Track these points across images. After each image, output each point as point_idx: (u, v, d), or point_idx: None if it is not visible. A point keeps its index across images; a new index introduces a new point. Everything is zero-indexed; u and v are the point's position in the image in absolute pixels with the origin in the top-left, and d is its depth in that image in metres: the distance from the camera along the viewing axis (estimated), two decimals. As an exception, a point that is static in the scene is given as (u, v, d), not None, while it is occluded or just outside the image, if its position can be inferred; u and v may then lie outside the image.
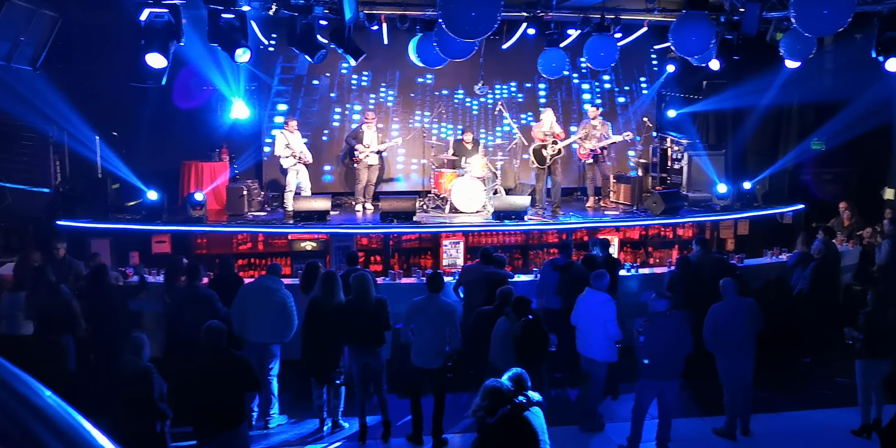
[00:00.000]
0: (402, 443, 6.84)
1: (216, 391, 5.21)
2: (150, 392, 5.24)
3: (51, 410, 1.09)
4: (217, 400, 5.23)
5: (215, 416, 5.25)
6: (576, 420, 7.20)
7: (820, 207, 11.85)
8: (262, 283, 7.22)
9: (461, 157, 11.47)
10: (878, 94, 10.70)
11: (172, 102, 10.59)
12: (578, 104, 13.44)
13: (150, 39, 7.13)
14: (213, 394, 5.21)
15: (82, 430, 1.11)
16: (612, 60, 9.61)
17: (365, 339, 6.76)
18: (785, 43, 8.95)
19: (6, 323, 7.06)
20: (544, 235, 10.97)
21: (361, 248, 10.04)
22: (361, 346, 6.79)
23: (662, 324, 6.34)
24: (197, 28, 8.34)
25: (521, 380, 4.76)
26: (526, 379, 4.78)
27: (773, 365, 7.81)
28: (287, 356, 7.27)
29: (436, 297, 6.70)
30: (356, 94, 12.67)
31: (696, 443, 7.07)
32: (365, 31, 10.25)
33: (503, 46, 11.55)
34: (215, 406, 5.23)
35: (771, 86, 11.40)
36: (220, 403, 5.24)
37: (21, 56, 8.97)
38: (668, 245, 11.47)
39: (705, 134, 13.27)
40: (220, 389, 5.22)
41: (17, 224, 10.14)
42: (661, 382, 6.39)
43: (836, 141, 11.77)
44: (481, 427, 4.68)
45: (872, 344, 6.71)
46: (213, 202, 10.90)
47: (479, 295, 7.81)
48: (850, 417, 7.12)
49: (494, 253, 8.31)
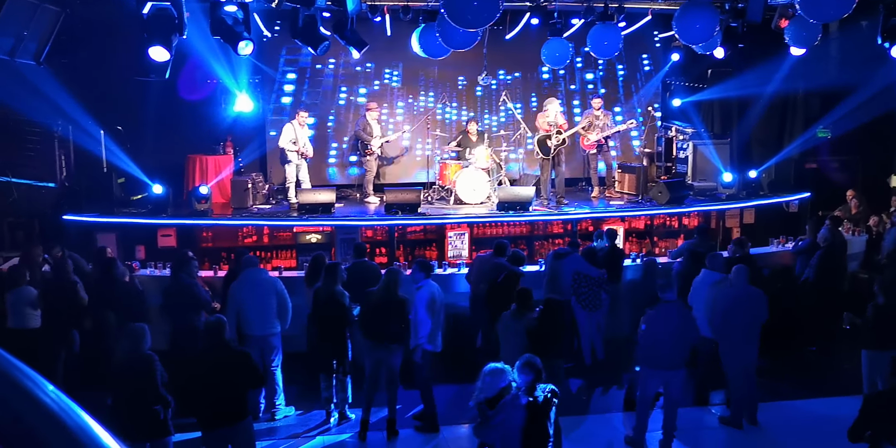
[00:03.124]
0: (410, 434, 6.88)
1: (218, 386, 5.25)
2: (153, 379, 5.29)
3: (53, 405, 1.10)
4: (219, 394, 5.27)
5: (218, 410, 5.29)
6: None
7: (826, 195, 11.81)
8: (245, 277, 7.20)
9: (466, 149, 11.45)
10: (883, 80, 10.64)
11: (177, 96, 10.56)
12: (582, 94, 13.39)
13: (152, 33, 7.14)
14: (215, 388, 5.25)
15: (84, 426, 1.11)
16: (615, 49, 9.57)
17: (381, 335, 6.65)
18: (790, 30, 8.89)
19: (13, 317, 7.10)
20: (549, 226, 10.96)
21: (367, 240, 10.05)
22: (377, 341, 6.69)
23: (667, 313, 6.34)
24: (200, 21, 8.33)
25: (532, 365, 4.75)
26: (537, 364, 4.78)
27: (779, 354, 7.82)
28: (292, 348, 7.30)
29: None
30: (360, 86, 12.65)
31: (703, 432, 7.09)
32: (368, 22, 10.21)
33: (507, 36, 11.50)
34: (218, 400, 5.28)
35: (776, 74, 11.33)
36: (222, 398, 5.29)
37: (25, 51, 8.97)
38: (674, 234, 11.44)
39: (710, 123, 13.21)
40: (221, 384, 5.26)
41: (24, 219, 10.19)
42: (667, 372, 6.40)
43: (842, 128, 11.71)
44: (483, 414, 4.70)
45: (879, 334, 6.68)
46: (217, 195, 10.92)
47: (484, 285, 7.86)
48: (856, 406, 7.11)
49: (512, 248, 8.27)
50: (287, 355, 7.29)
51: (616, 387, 7.99)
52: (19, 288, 7.10)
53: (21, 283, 7.11)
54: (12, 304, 7.08)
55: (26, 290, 7.11)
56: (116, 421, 5.21)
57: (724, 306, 6.81)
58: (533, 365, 4.78)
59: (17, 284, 7.11)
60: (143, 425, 5.30)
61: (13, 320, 7.08)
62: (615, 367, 8.33)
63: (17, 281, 7.13)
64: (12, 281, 7.15)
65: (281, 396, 7.24)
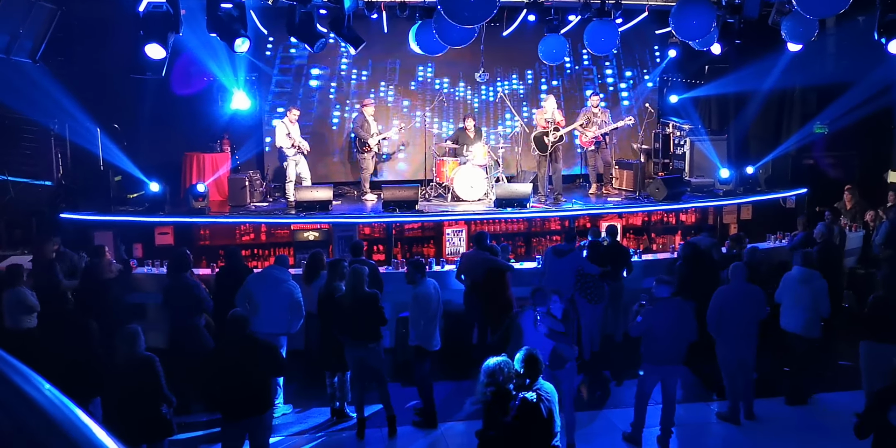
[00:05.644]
0: (409, 430, 6.90)
1: (244, 376, 5.38)
2: (157, 380, 5.30)
3: (49, 405, 1.09)
4: (245, 385, 5.39)
5: (249, 400, 5.42)
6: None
7: (823, 191, 11.82)
8: (269, 273, 7.24)
9: (463, 146, 11.45)
10: (880, 76, 10.64)
11: (172, 93, 10.56)
12: (580, 91, 13.38)
13: (148, 30, 7.11)
14: (240, 379, 5.38)
15: (81, 426, 1.10)
16: (612, 46, 9.56)
17: (356, 334, 6.63)
18: (786, 26, 8.89)
19: (9, 317, 7.08)
20: (547, 223, 10.96)
21: (364, 237, 10.05)
22: (353, 340, 6.67)
23: (665, 309, 6.35)
24: (196, 18, 8.31)
25: (533, 360, 4.74)
26: (539, 359, 4.77)
27: (776, 348, 7.83)
28: (290, 346, 7.30)
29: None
30: (357, 83, 12.63)
31: (700, 427, 7.11)
32: (364, 19, 10.21)
33: (503, 33, 11.49)
34: (249, 390, 5.40)
35: (773, 70, 11.33)
36: (248, 388, 5.40)
37: (20, 48, 8.95)
38: (671, 231, 11.45)
39: (707, 119, 13.21)
40: (247, 375, 5.38)
41: (21, 217, 10.17)
42: (664, 367, 6.41)
43: (839, 124, 11.71)
44: (489, 413, 4.67)
45: (879, 327, 6.69)
46: (215, 193, 10.90)
47: (474, 281, 7.91)
48: (854, 400, 7.13)
49: (487, 240, 8.32)
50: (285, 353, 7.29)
51: (614, 383, 8.00)
52: (16, 288, 7.07)
53: (18, 284, 7.09)
54: (8, 304, 7.05)
55: (22, 291, 7.08)
56: (116, 422, 5.21)
57: (720, 302, 6.83)
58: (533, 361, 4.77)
59: (13, 284, 7.09)
60: (146, 426, 5.31)
61: (10, 321, 7.06)
62: (613, 364, 8.36)
63: (14, 281, 7.11)
64: (10, 281, 7.12)
65: (280, 395, 7.24)
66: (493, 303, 7.95)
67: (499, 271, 7.98)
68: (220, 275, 8.06)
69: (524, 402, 4.54)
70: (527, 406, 4.53)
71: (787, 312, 7.39)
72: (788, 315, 7.37)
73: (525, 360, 4.73)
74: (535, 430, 4.57)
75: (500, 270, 8.00)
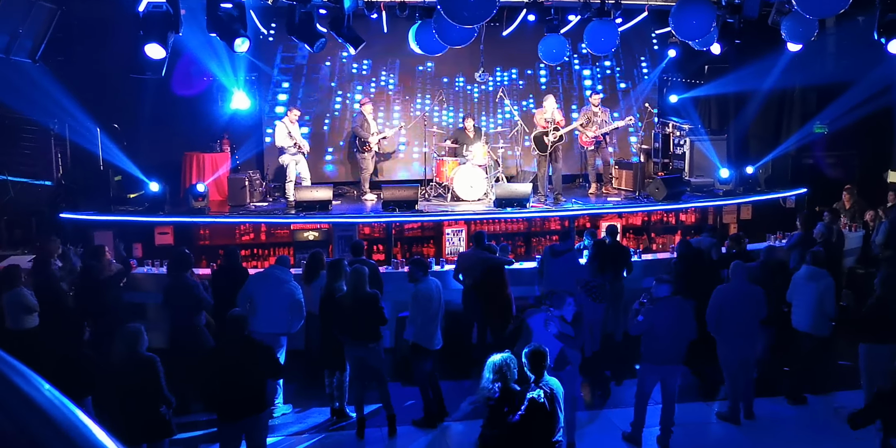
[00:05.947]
0: (409, 430, 6.90)
1: (242, 376, 5.38)
2: (158, 381, 5.30)
3: (49, 405, 1.09)
4: (243, 385, 5.39)
5: (245, 401, 5.42)
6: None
7: (823, 191, 11.81)
8: (271, 273, 7.23)
9: (463, 145, 11.45)
10: (880, 76, 10.64)
11: (172, 92, 10.55)
12: (580, 90, 13.38)
13: (148, 30, 7.10)
14: (237, 379, 5.38)
15: (80, 426, 1.10)
16: (612, 46, 9.55)
17: (356, 334, 6.63)
18: (786, 25, 8.89)
19: (10, 317, 7.08)
20: (546, 223, 10.96)
21: (364, 237, 10.05)
22: (353, 339, 6.67)
23: (666, 308, 6.34)
24: (196, 18, 8.31)
25: (540, 356, 4.74)
26: (545, 354, 4.77)
27: (775, 348, 7.84)
28: (291, 346, 7.30)
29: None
30: (357, 82, 12.63)
31: (700, 427, 7.10)
32: (364, 19, 10.20)
33: (503, 33, 11.48)
34: (245, 391, 5.41)
35: (773, 69, 11.33)
36: (245, 388, 5.41)
37: (20, 48, 8.95)
38: (671, 231, 11.45)
39: (707, 119, 13.21)
40: (245, 374, 5.39)
41: (21, 217, 10.17)
42: (664, 367, 6.41)
43: (839, 124, 11.71)
44: (495, 411, 4.67)
45: (878, 328, 6.68)
46: (215, 193, 10.90)
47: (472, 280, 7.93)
48: (853, 400, 7.13)
49: (485, 239, 8.33)
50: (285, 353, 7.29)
51: (614, 383, 7.99)
52: (15, 289, 7.06)
53: (17, 284, 7.08)
54: (8, 305, 7.05)
55: (21, 291, 7.08)
56: (112, 422, 5.21)
57: (720, 301, 6.82)
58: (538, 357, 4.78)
59: (13, 285, 7.08)
60: (146, 427, 5.31)
61: (11, 321, 7.06)
62: (613, 363, 8.35)
63: (14, 282, 7.10)
64: (9, 281, 7.12)
65: (280, 395, 7.24)
66: (492, 302, 7.94)
67: (497, 269, 7.97)
68: (216, 274, 8.07)
69: (532, 403, 4.54)
70: (534, 406, 4.54)
71: (797, 311, 7.43)
72: (799, 314, 7.41)
73: (531, 356, 4.73)
74: (538, 426, 4.58)
75: (499, 268, 7.98)
